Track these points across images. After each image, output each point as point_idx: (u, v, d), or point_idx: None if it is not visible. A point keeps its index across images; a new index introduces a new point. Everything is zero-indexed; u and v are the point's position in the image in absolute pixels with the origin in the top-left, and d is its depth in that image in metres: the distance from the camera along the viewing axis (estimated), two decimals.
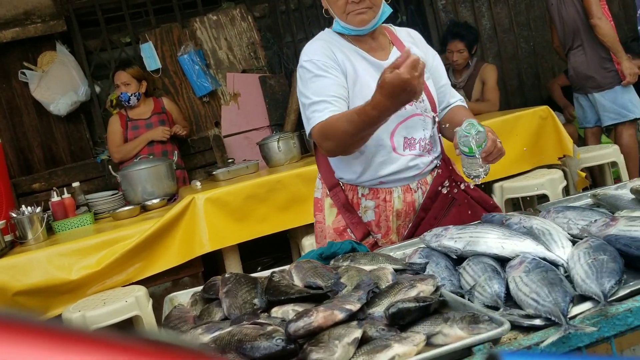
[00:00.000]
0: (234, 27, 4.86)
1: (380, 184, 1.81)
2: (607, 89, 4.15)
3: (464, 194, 1.86)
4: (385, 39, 1.87)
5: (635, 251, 1.13)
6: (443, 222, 1.74)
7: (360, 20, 1.73)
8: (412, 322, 1.02)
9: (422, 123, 1.81)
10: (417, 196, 1.83)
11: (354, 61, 1.78)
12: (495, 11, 5.57)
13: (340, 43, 1.81)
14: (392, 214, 1.82)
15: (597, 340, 0.99)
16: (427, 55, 1.90)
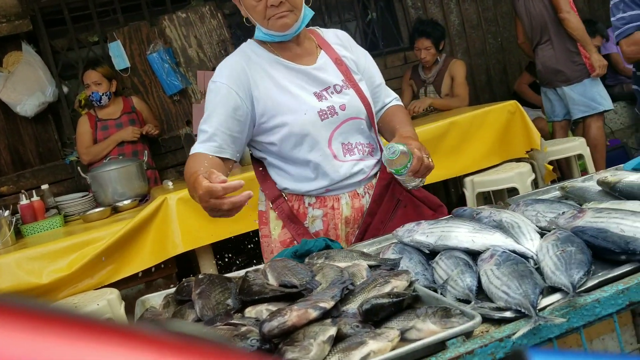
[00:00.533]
0: (204, 25, 4.82)
1: (327, 192, 1.77)
2: (576, 83, 4.24)
3: (409, 194, 1.84)
4: (312, 44, 1.82)
5: (602, 242, 1.16)
6: (389, 226, 1.74)
7: (282, 25, 1.67)
8: (386, 318, 1.03)
9: (357, 127, 1.78)
10: (365, 201, 1.81)
11: (276, 76, 1.73)
12: (463, 7, 5.64)
13: (261, 56, 1.75)
14: (341, 222, 1.78)
15: (567, 331, 1.00)
16: (357, 56, 1.87)
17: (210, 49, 4.84)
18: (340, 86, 1.77)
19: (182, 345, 0.32)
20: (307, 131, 1.70)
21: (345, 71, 1.80)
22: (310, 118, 1.70)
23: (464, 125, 3.63)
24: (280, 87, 1.72)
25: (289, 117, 1.70)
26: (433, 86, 4.62)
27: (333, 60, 1.80)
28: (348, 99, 1.76)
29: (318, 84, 1.75)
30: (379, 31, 5.52)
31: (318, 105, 1.72)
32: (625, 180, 1.46)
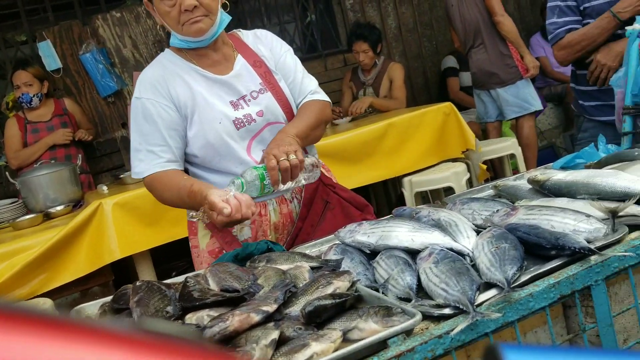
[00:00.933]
0: (139, 25, 4.69)
1: (253, 198, 1.73)
2: (509, 84, 4.41)
3: (336, 196, 1.83)
4: (230, 49, 1.78)
5: (533, 238, 1.21)
6: (319, 229, 1.74)
7: (197, 30, 1.63)
8: (329, 319, 1.04)
9: (276, 131, 1.74)
10: (293, 206, 1.79)
11: (193, 84, 1.70)
12: (400, 11, 5.75)
13: (179, 65, 1.72)
14: (270, 228, 1.76)
15: (503, 325, 1.04)
16: (275, 54, 1.82)
17: (146, 49, 4.72)
18: (257, 92, 1.74)
19: (156, 344, 0.32)
20: (224, 140, 1.68)
21: (264, 73, 1.77)
22: (225, 127, 1.68)
23: (402, 127, 3.70)
24: (196, 95, 1.69)
25: (205, 127, 1.67)
26: (372, 88, 4.69)
27: (251, 64, 1.77)
28: (265, 104, 1.73)
29: (234, 92, 1.73)
30: (318, 33, 5.55)
31: (234, 114, 1.70)
32: (554, 178, 1.53)
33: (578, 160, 1.77)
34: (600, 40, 2.33)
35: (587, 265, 1.12)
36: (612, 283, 1.19)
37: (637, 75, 1.91)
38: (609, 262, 1.13)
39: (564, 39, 2.41)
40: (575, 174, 1.51)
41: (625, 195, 1.33)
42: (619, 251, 1.15)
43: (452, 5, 4.61)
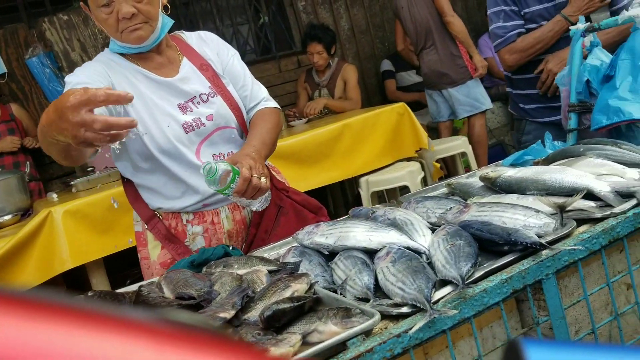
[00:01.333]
0: (88, 27, 4.57)
1: (204, 206, 1.70)
2: (460, 84, 4.51)
3: (290, 200, 1.81)
4: (174, 52, 1.73)
5: (486, 235, 1.23)
6: (274, 234, 1.73)
7: (137, 37, 1.57)
8: (288, 323, 1.03)
9: (228, 136, 1.71)
10: (246, 212, 1.75)
11: (137, 84, 1.64)
12: (352, 13, 5.79)
13: (121, 64, 1.65)
14: (224, 236, 1.72)
15: (459, 322, 1.06)
16: (223, 57, 1.78)
17: (95, 53, 4.58)
18: (206, 95, 1.69)
19: (181, 335, 0.31)
20: (172, 145, 1.62)
21: (212, 77, 1.73)
22: (173, 130, 1.62)
23: (357, 127, 3.73)
24: (142, 98, 1.62)
25: (152, 130, 1.61)
26: (327, 89, 4.71)
27: (197, 67, 1.72)
28: (215, 108, 1.69)
29: (182, 95, 1.67)
30: (271, 35, 5.53)
31: (182, 117, 1.64)
32: (504, 175, 1.57)
33: (526, 157, 1.82)
34: (552, 43, 2.40)
35: (538, 260, 1.15)
36: (562, 276, 1.22)
37: (581, 74, 1.98)
38: (559, 256, 1.17)
39: (517, 42, 2.46)
40: (525, 170, 1.55)
41: (573, 190, 1.38)
42: (569, 245, 1.19)
43: (402, 7, 4.67)
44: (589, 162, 1.51)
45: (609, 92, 1.85)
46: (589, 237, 1.21)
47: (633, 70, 1.82)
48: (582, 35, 2.03)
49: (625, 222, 1.26)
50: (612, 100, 1.81)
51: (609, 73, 1.89)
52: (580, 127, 2.03)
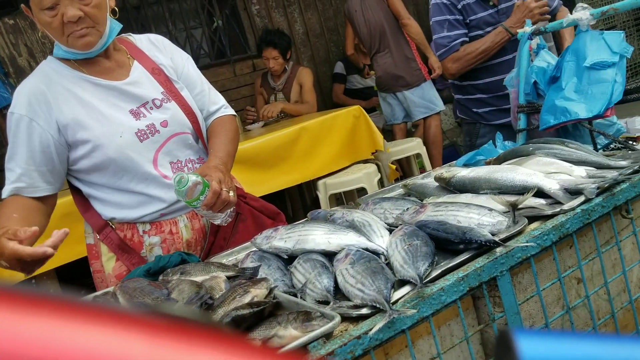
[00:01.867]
0: (35, 32, 4.44)
1: (162, 216, 1.65)
2: (415, 87, 4.59)
3: (247, 206, 1.77)
4: (124, 55, 1.67)
5: (442, 234, 1.25)
6: (232, 242, 1.70)
7: (84, 44, 1.52)
8: (249, 329, 1.02)
9: (184, 142, 1.67)
10: (205, 221, 1.70)
11: (81, 93, 1.57)
12: (306, 17, 5.80)
13: (65, 76, 1.58)
14: (182, 246, 1.67)
15: (418, 321, 1.07)
16: (176, 62, 1.74)
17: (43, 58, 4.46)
18: (160, 100, 1.64)
19: (177, 328, 0.31)
20: (126, 155, 1.56)
21: (164, 81, 1.67)
22: (127, 140, 1.56)
23: (314, 130, 3.74)
24: (88, 108, 1.56)
25: (103, 142, 1.55)
26: (282, 93, 4.70)
27: (149, 71, 1.67)
28: (170, 113, 1.64)
29: (133, 100, 1.61)
30: (225, 39, 5.49)
31: (135, 125, 1.58)
32: (458, 175, 1.60)
33: (478, 157, 1.86)
34: (493, 52, 2.50)
35: (493, 257, 1.18)
36: (516, 273, 1.26)
37: (529, 75, 2.04)
38: (512, 253, 1.20)
39: (460, 51, 2.53)
40: (477, 170, 1.58)
41: (524, 188, 1.41)
42: (521, 242, 1.22)
43: (355, 10, 4.71)
44: (538, 161, 1.56)
45: (555, 93, 1.91)
46: (540, 233, 1.25)
47: (578, 72, 1.89)
48: (529, 38, 2.09)
49: (574, 219, 1.31)
50: (559, 101, 1.87)
51: (555, 74, 1.95)
52: (529, 127, 2.09)
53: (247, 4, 5.50)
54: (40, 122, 1.53)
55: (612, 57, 1.84)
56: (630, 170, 1.45)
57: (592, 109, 1.81)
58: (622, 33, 1.89)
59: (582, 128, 1.96)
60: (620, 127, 2.00)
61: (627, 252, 1.46)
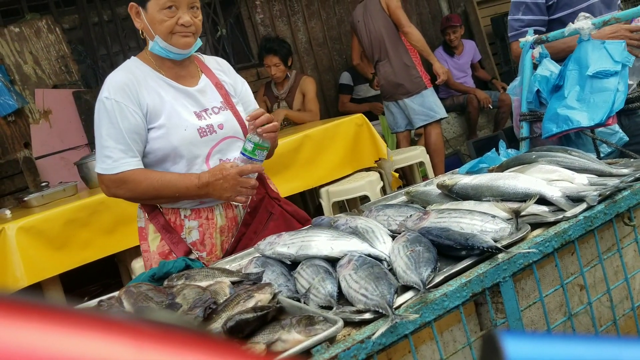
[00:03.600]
0: (40, 40, 4.47)
1: (201, 203, 1.87)
2: (415, 94, 4.59)
3: (280, 209, 1.99)
4: (195, 67, 1.95)
5: (445, 240, 1.26)
6: (261, 236, 1.79)
7: (185, 43, 1.81)
8: (252, 333, 1.03)
9: (235, 145, 1.90)
10: (237, 211, 1.92)
11: (161, 90, 1.83)
12: (310, 26, 5.84)
13: (147, 73, 1.85)
14: (216, 231, 1.88)
15: (420, 326, 1.08)
16: (235, 82, 2.02)
17: (48, 66, 4.50)
18: (218, 108, 1.90)
19: (161, 334, 0.32)
20: (187, 146, 1.80)
21: (225, 94, 1.94)
22: (190, 134, 1.81)
23: (317, 138, 3.75)
24: (164, 103, 1.81)
25: (171, 130, 1.79)
26: (286, 102, 4.72)
27: (214, 84, 1.94)
28: (226, 119, 1.89)
29: (198, 104, 1.87)
30: (229, 47, 5.52)
31: (198, 123, 1.83)
32: (460, 182, 1.61)
33: (481, 165, 1.87)
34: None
35: (495, 263, 1.18)
36: (519, 279, 1.26)
37: (532, 84, 2.06)
38: (514, 259, 1.20)
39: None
40: (480, 177, 1.59)
41: (526, 195, 1.42)
42: (524, 248, 1.23)
43: (358, 21, 4.74)
44: (541, 169, 1.57)
45: (558, 101, 1.92)
46: (542, 240, 1.26)
47: (580, 80, 1.90)
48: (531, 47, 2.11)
49: (577, 226, 1.31)
50: (561, 109, 1.88)
51: (558, 83, 1.97)
52: (532, 136, 2.10)
53: (252, 13, 5.54)
54: (131, 107, 1.78)
55: (615, 66, 1.85)
56: (632, 178, 1.45)
57: (594, 118, 1.82)
58: (624, 42, 1.90)
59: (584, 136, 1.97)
60: (622, 136, 2.01)
61: (629, 259, 1.46)
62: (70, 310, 0.31)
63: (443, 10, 6.54)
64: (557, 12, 2.39)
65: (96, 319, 0.31)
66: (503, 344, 0.37)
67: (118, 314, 0.32)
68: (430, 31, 6.46)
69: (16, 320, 0.29)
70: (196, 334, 0.33)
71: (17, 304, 0.30)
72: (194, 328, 0.34)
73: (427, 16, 6.47)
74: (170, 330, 0.32)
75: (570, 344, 0.39)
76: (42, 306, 0.30)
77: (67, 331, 0.29)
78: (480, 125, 6.08)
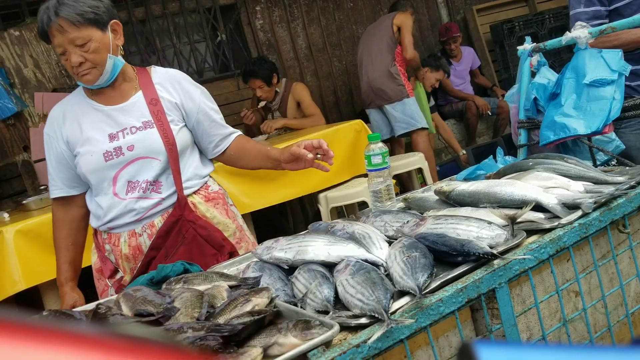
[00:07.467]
0: (40, 44, 4.49)
1: (110, 229, 1.89)
2: (397, 102, 4.64)
3: (194, 232, 1.89)
4: (131, 85, 1.89)
5: (441, 246, 1.27)
6: (172, 260, 1.79)
7: (86, 81, 1.80)
8: (249, 337, 1.04)
9: (148, 166, 1.84)
10: (142, 240, 1.87)
11: (83, 118, 1.86)
12: (309, 32, 5.86)
13: (77, 100, 1.90)
14: (122, 258, 1.88)
15: (416, 331, 1.09)
16: (184, 97, 1.90)
17: (49, 69, 4.51)
18: (137, 127, 1.85)
19: (132, 347, 0.32)
20: (92, 173, 1.84)
21: (157, 111, 1.86)
22: (95, 160, 1.83)
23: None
24: (82, 131, 1.85)
25: (81, 160, 1.84)
26: (279, 112, 4.65)
27: (147, 101, 1.87)
28: (141, 139, 1.83)
29: (116, 124, 1.85)
30: (229, 53, 5.54)
31: (106, 146, 1.82)
32: (457, 189, 1.62)
33: (479, 172, 1.88)
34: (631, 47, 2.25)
35: (491, 269, 1.19)
36: (514, 285, 1.27)
37: (529, 91, 2.07)
38: (510, 265, 1.21)
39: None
40: (477, 184, 1.60)
41: (523, 202, 1.43)
42: (519, 255, 1.24)
43: (366, 30, 4.84)
44: (537, 176, 1.58)
45: (555, 109, 1.94)
46: (537, 246, 1.27)
47: (577, 89, 1.91)
48: (529, 55, 2.12)
49: (572, 232, 1.32)
50: (558, 117, 1.89)
51: (555, 91, 1.98)
52: (530, 143, 2.11)
53: (251, 19, 5.56)
54: (55, 140, 1.89)
55: (611, 75, 1.86)
56: (627, 186, 1.47)
57: (590, 126, 1.83)
58: (620, 51, 1.91)
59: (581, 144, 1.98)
60: (619, 144, 2.03)
61: (623, 266, 1.47)
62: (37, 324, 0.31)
63: (443, 18, 6.57)
64: (613, 3, 2.33)
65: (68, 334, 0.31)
66: (478, 353, 0.37)
67: (87, 328, 0.32)
68: (429, 38, 6.49)
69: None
70: (167, 347, 0.33)
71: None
72: (165, 341, 0.34)
73: (426, 23, 6.50)
74: (140, 343, 0.32)
75: (546, 354, 0.40)
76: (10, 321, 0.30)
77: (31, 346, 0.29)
78: (479, 131, 6.10)
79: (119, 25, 1.83)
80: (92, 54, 1.75)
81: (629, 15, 2.19)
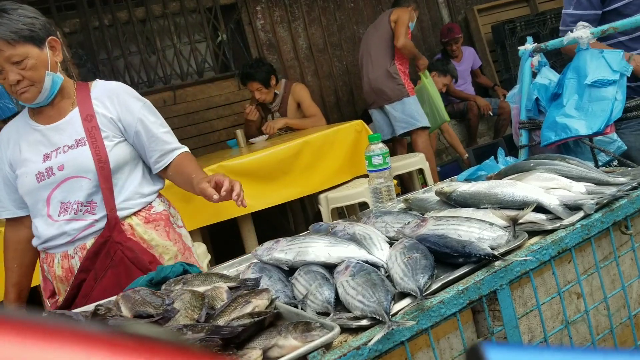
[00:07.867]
0: None
1: (45, 249, 1.87)
2: (396, 101, 4.64)
3: (122, 254, 1.84)
4: (68, 102, 1.85)
5: (442, 248, 1.26)
6: (99, 284, 1.81)
7: (24, 99, 1.77)
8: (249, 338, 1.03)
9: (78, 186, 1.79)
10: (74, 262, 1.83)
11: (22, 139, 1.85)
12: (310, 32, 5.85)
13: (23, 122, 1.88)
14: (56, 280, 1.86)
15: (417, 333, 1.08)
16: (121, 112, 1.84)
17: None
18: (69, 146, 1.80)
19: (140, 346, 0.31)
20: (27, 194, 1.83)
21: (91, 128, 1.81)
22: (28, 181, 1.81)
23: (316, 144, 3.75)
24: (21, 153, 1.84)
25: (18, 181, 1.84)
26: (279, 113, 4.64)
27: (83, 118, 1.82)
28: (72, 158, 1.79)
29: (51, 144, 1.82)
30: (229, 53, 5.53)
31: (38, 167, 1.80)
32: (458, 190, 1.61)
33: (480, 173, 1.87)
34: None
35: (492, 271, 1.19)
36: (516, 287, 1.26)
37: (531, 92, 2.06)
38: (511, 267, 1.21)
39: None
40: (478, 185, 1.60)
41: (524, 203, 1.43)
42: (521, 256, 1.23)
43: (367, 29, 4.83)
44: (538, 177, 1.57)
45: (556, 109, 1.93)
46: (539, 248, 1.26)
47: (579, 89, 1.90)
48: (530, 56, 2.11)
49: (573, 234, 1.32)
50: (560, 118, 1.89)
51: (557, 91, 1.97)
52: (531, 143, 2.10)
53: (252, 19, 5.56)
54: (1, 161, 1.89)
55: (613, 75, 1.86)
56: (629, 187, 1.46)
57: (592, 126, 1.82)
58: (622, 52, 1.91)
59: (583, 145, 1.97)
60: (621, 145, 2.02)
61: (625, 267, 1.46)
62: (42, 321, 0.31)
63: (444, 18, 6.56)
64: (612, 4, 2.34)
65: (71, 332, 0.31)
66: (487, 355, 0.37)
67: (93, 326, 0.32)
68: (430, 38, 6.48)
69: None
70: (172, 345, 0.32)
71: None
72: (170, 340, 0.34)
73: (427, 23, 6.49)
74: (146, 342, 0.32)
75: (553, 356, 0.39)
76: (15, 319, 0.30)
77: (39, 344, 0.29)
78: (481, 132, 6.09)
79: (57, 42, 1.78)
80: (30, 71, 1.71)
81: (629, 14, 2.19)
